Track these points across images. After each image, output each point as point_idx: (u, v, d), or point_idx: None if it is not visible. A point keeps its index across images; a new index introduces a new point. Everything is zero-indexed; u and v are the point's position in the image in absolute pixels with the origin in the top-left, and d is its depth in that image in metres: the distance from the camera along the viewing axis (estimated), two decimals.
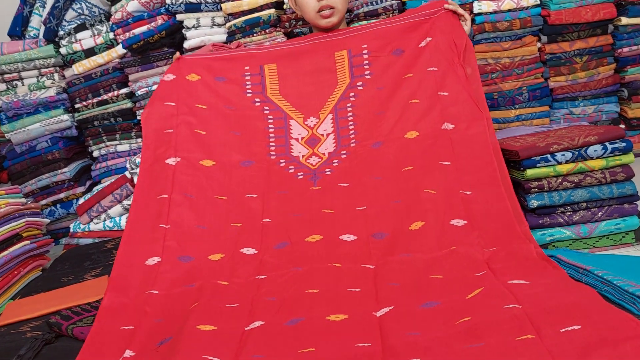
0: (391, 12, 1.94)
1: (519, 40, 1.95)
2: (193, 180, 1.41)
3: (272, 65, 1.58)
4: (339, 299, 1.04)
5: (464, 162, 1.31)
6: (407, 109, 1.43)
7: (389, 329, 0.93)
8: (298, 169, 1.45)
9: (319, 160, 1.46)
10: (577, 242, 1.32)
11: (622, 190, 1.30)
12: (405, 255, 1.17)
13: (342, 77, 1.53)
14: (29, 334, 1.16)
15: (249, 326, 0.99)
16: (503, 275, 1.05)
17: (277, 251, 1.25)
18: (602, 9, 1.89)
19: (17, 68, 2.12)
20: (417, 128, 1.40)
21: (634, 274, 1.04)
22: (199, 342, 0.95)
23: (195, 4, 1.98)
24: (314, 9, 1.55)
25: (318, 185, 1.39)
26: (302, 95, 1.54)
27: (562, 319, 0.86)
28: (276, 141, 1.51)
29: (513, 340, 0.83)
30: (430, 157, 1.34)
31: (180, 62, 1.62)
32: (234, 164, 1.45)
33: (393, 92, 1.48)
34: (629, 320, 0.83)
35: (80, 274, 1.51)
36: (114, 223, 1.89)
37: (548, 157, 1.31)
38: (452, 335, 0.89)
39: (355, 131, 1.47)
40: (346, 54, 1.55)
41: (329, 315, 0.99)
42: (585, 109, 2.03)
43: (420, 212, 1.26)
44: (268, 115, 1.53)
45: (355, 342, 0.90)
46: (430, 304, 1.00)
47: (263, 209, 1.35)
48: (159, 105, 1.54)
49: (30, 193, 2.18)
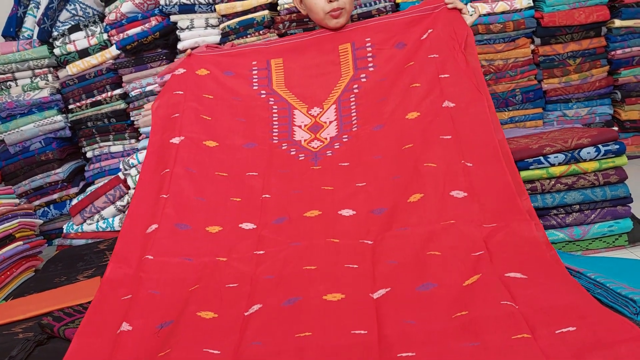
0: (384, 13, 1.95)
1: (512, 43, 1.96)
2: (195, 158, 1.43)
3: (278, 59, 1.62)
4: (336, 276, 1.05)
5: (465, 137, 1.30)
6: (408, 93, 1.45)
7: (385, 315, 0.94)
8: (299, 151, 1.47)
9: (320, 144, 1.48)
10: (570, 244, 1.33)
11: (615, 193, 1.30)
12: (403, 230, 1.16)
13: (346, 69, 1.56)
14: (21, 335, 1.15)
15: (248, 311, 1.00)
16: (500, 264, 1.03)
17: (275, 226, 1.25)
18: (595, 11, 1.90)
19: (11, 69, 2.11)
20: (418, 109, 1.41)
21: (626, 277, 1.05)
22: (199, 332, 0.96)
23: (189, 5, 1.98)
24: (323, 10, 1.55)
25: (319, 165, 1.41)
26: (307, 87, 1.58)
27: (558, 320, 0.86)
28: (279, 128, 1.53)
29: (509, 338, 0.83)
30: (431, 133, 1.34)
31: (190, 58, 1.65)
32: (237, 146, 1.48)
33: (395, 81, 1.50)
34: (624, 323, 0.83)
35: (73, 275, 1.50)
36: (107, 224, 1.88)
37: (541, 159, 1.31)
38: (449, 330, 0.89)
39: (357, 117, 1.49)
40: (350, 46, 1.58)
41: (326, 295, 0.99)
42: (579, 111, 2.04)
43: (419, 185, 1.24)
44: (273, 106, 1.57)
45: (352, 329, 0.91)
46: (427, 286, 1.00)
47: (263, 186, 1.37)
48: (169, 95, 1.58)
49: (23, 194, 2.17)
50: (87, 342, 1.01)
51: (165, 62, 2.07)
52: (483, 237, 1.10)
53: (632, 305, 0.94)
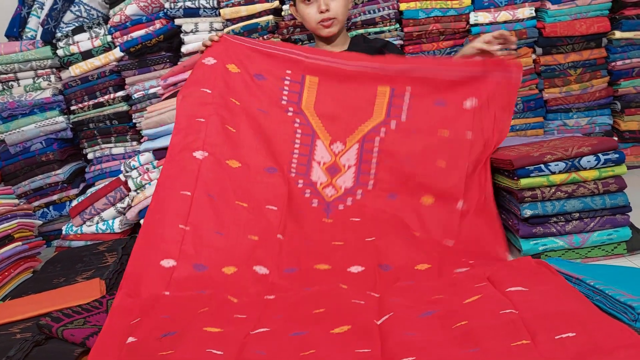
0: (388, 21, 1.96)
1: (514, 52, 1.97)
2: (217, 181, 1.40)
3: (314, 78, 1.55)
4: (343, 313, 1.06)
5: (470, 243, 1.37)
6: (430, 169, 1.44)
7: (388, 332, 0.95)
8: (314, 195, 1.47)
9: (334, 192, 1.48)
10: (569, 252, 1.33)
11: (615, 202, 1.31)
12: (409, 283, 1.19)
13: (379, 111, 1.52)
14: (19, 335, 1.14)
15: (254, 331, 1.01)
16: (502, 284, 1.05)
17: (287, 274, 1.27)
18: (596, 22, 1.92)
19: (14, 69, 2.12)
20: (433, 193, 1.43)
21: (625, 284, 1.05)
22: (203, 339, 0.98)
23: (194, 9, 1.99)
24: (315, 20, 1.57)
25: (330, 219, 1.41)
26: (335, 118, 1.53)
27: (558, 326, 0.86)
28: (299, 158, 1.51)
29: (508, 345, 0.84)
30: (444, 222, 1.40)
31: (222, 45, 1.56)
32: (258, 169, 1.46)
33: (424, 140, 1.48)
34: (623, 330, 0.84)
35: (72, 276, 1.50)
36: (107, 226, 1.88)
37: (542, 167, 1.31)
38: (449, 339, 0.91)
39: (375, 171, 1.48)
40: (389, 91, 1.52)
41: (333, 329, 1.00)
42: (579, 120, 2.05)
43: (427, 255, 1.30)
44: (297, 129, 1.53)
45: (356, 348, 0.93)
46: (429, 313, 1.01)
47: (279, 224, 1.36)
48: (195, 90, 1.51)
49: (23, 194, 2.17)
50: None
51: (169, 65, 2.08)
52: (486, 276, 1.14)
53: (630, 312, 0.94)
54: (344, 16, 1.62)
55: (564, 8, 1.91)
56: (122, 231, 1.89)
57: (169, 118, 1.81)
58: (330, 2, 1.56)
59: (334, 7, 1.57)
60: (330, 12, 1.56)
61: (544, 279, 1.05)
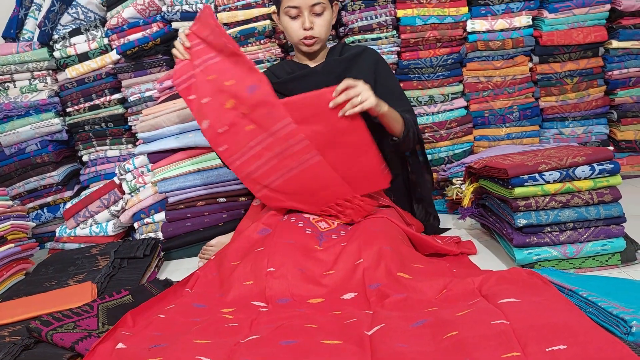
0: (385, 27, 1.96)
1: (510, 60, 1.97)
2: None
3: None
4: (336, 330, 1.06)
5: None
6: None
7: (379, 342, 0.95)
8: (307, 226, 1.47)
9: (327, 226, 1.49)
10: (563, 262, 1.33)
11: (609, 212, 1.31)
12: (400, 296, 1.18)
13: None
14: (8, 338, 1.14)
15: (244, 340, 1.02)
16: (495, 297, 1.05)
17: (279, 305, 1.26)
18: (593, 31, 1.92)
19: (10, 70, 2.12)
20: None
21: (618, 296, 1.05)
22: (192, 348, 0.98)
23: (191, 12, 1.99)
24: (297, 36, 1.55)
25: (322, 247, 1.40)
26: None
27: (549, 338, 0.86)
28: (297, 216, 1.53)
29: (499, 357, 0.83)
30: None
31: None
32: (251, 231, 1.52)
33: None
34: (615, 343, 0.83)
35: (64, 279, 1.49)
36: (100, 229, 1.87)
37: (536, 176, 1.31)
38: (439, 349, 0.90)
39: None
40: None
41: (324, 340, 1.00)
42: (575, 129, 2.05)
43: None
44: None
45: (346, 359, 0.93)
46: (420, 322, 1.01)
47: (268, 260, 1.33)
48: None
49: (17, 196, 2.17)
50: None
51: (166, 69, 2.08)
52: (477, 287, 1.14)
53: (622, 325, 0.93)
54: (327, 35, 1.59)
55: (561, 17, 1.91)
56: (116, 234, 1.88)
57: (164, 121, 1.81)
58: (315, 19, 1.53)
59: (317, 26, 1.53)
60: (314, 31, 1.53)
61: (536, 290, 1.05)
